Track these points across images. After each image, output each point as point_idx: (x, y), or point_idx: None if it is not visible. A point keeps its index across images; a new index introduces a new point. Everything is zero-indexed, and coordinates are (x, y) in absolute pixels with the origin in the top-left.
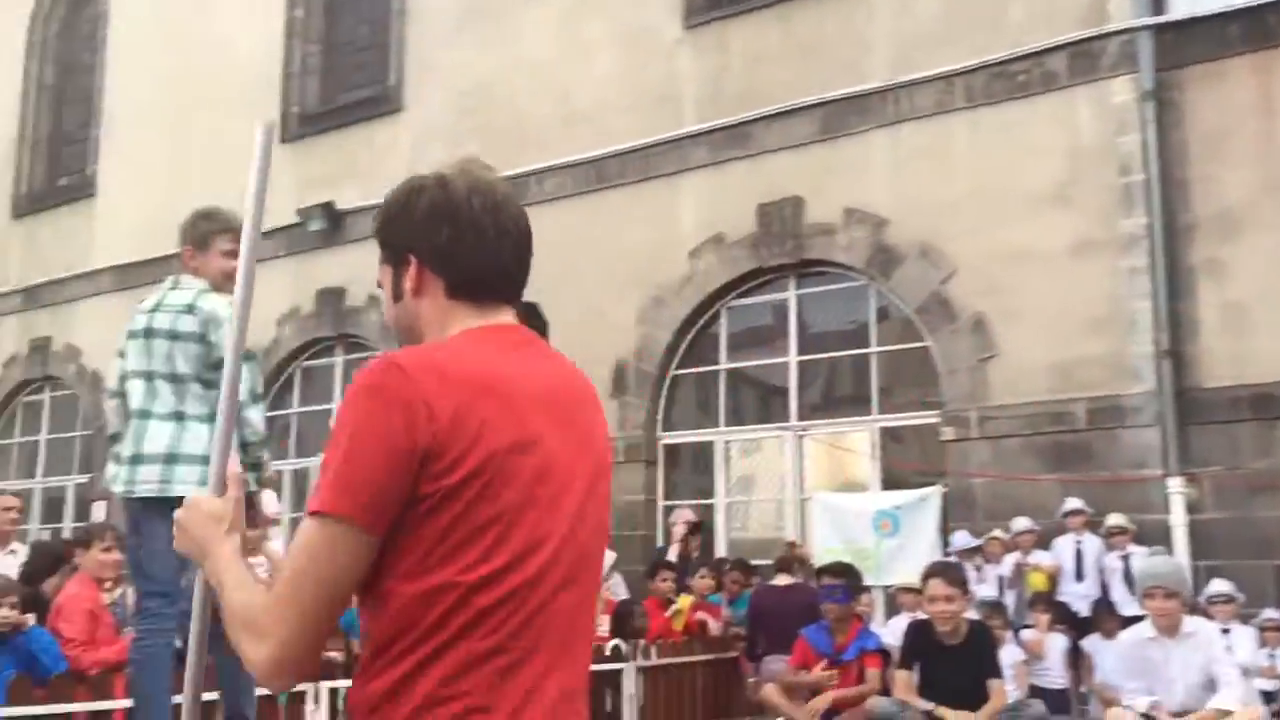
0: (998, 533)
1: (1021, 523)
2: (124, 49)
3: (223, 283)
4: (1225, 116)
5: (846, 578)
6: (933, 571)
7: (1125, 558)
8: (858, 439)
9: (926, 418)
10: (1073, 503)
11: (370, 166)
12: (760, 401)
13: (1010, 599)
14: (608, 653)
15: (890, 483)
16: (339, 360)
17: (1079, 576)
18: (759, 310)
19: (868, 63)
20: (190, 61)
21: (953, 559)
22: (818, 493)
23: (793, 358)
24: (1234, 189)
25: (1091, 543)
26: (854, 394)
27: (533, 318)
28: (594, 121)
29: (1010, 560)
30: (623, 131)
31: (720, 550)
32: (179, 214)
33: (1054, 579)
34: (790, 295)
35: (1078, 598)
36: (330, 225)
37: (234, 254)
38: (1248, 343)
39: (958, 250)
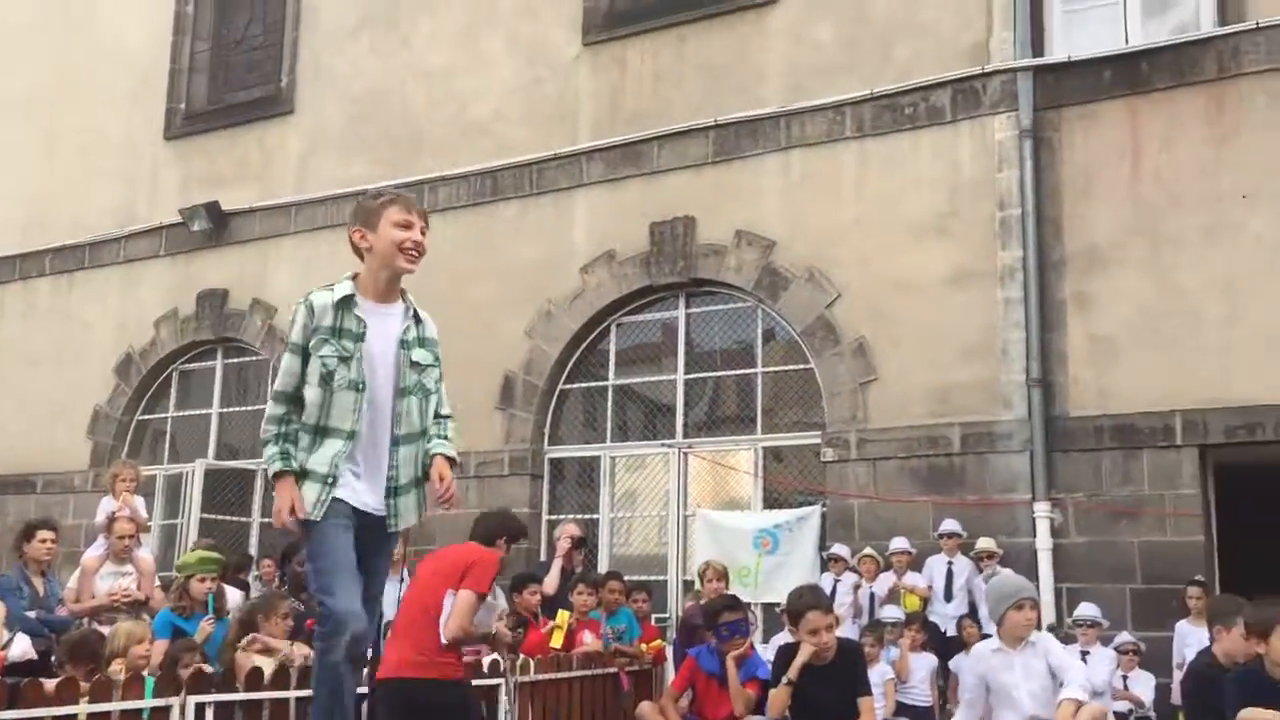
0: (870, 551)
1: (898, 543)
2: (3, 35)
3: (395, 258)
4: (1097, 157)
5: (741, 609)
6: (810, 604)
7: (990, 576)
8: (741, 457)
9: (808, 438)
10: (949, 525)
11: (259, 168)
12: (646, 418)
13: (894, 614)
14: (485, 668)
15: (771, 501)
16: (218, 364)
17: (948, 597)
18: (648, 327)
19: (762, 88)
20: (73, 52)
21: (815, 583)
22: (700, 510)
23: (680, 375)
24: (1103, 227)
25: (962, 564)
26: (738, 413)
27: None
28: (490, 134)
29: (885, 580)
30: (518, 145)
31: (603, 565)
32: (55, 207)
33: (927, 600)
34: (680, 313)
35: (946, 618)
36: (215, 226)
37: (409, 225)
38: (1112, 375)
39: (843, 275)
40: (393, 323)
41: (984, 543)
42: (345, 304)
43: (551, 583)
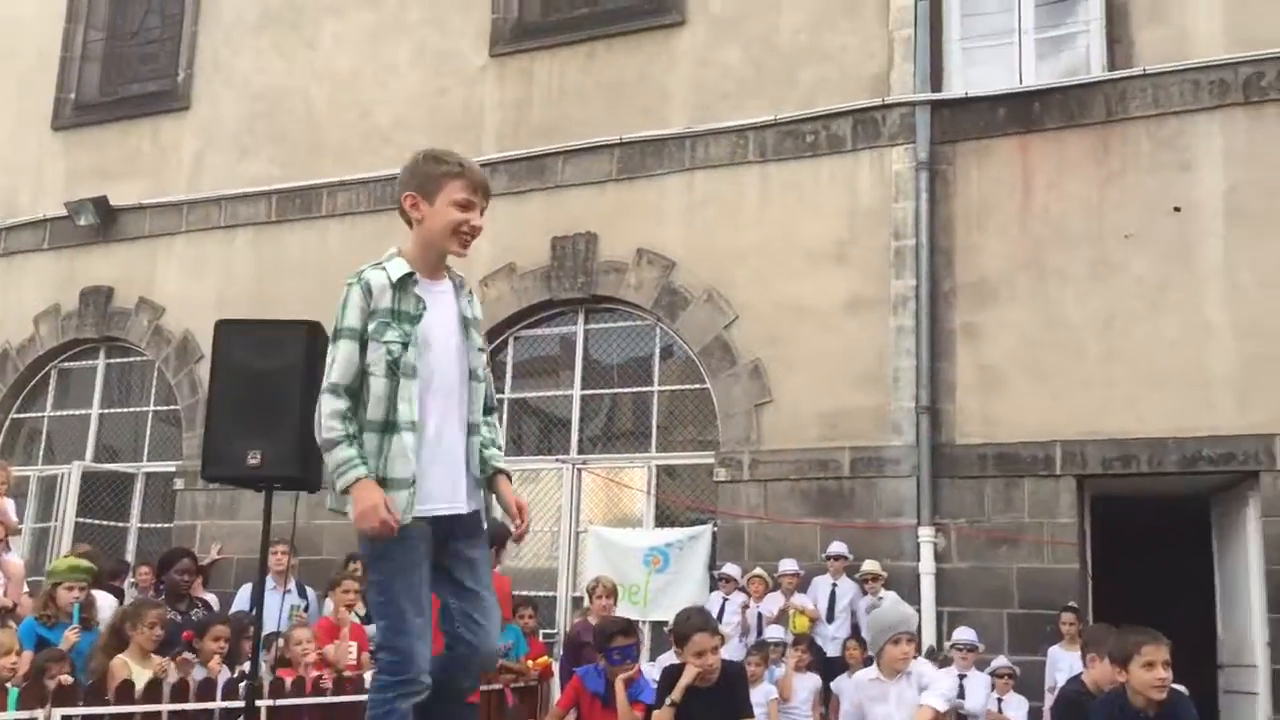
0: (759, 571)
1: (787, 565)
2: None
3: (447, 239)
4: (990, 191)
5: (634, 635)
6: (697, 626)
7: (878, 601)
8: (635, 475)
9: (702, 458)
10: (836, 547)
11: (151, 163)
12: (542, 432)
13: (777, 634)
14: (368, 683)
15: (663, 519)
16: (100, 364)
17: (831, 618)
18: (547, 341)
19: (668, 108)
20: None
21: (702, 604)
22: (592, 526)
23: (576, 391)
24: (993, 259)
25: (846, 586)
26: (634, 430)
27: (316, 337)
28: (392, 141)
29: (772, 600)
30: None
31: None
32: None
33: (815, 621)
34: (578, 329)
35: (828, 640)
36: (102, 221)
37: (469, 206)
38: (997, 404)
39: (742, 298)
40: (447, 300)
41: (869, 565)
42: (404, 283)
43: None
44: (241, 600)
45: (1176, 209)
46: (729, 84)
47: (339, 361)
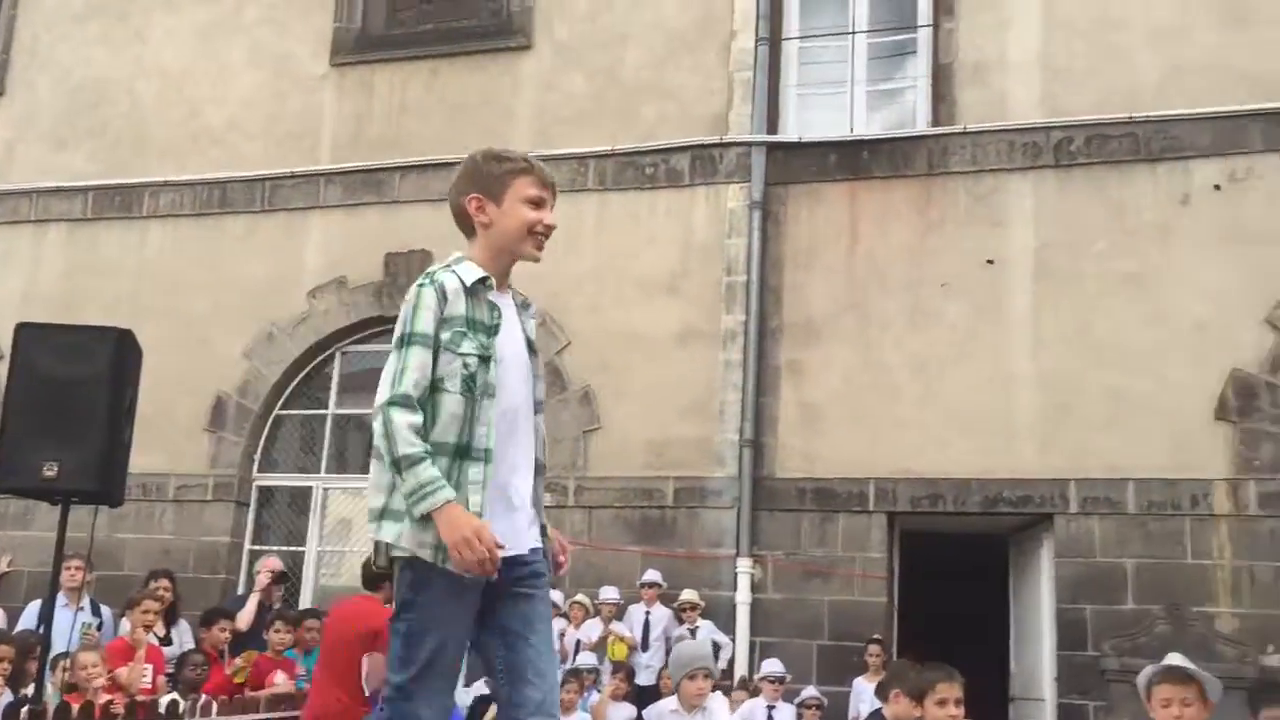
0: (580, 598)
1: (608, 592)
2: None
3: (521, 242)
4: (819, 233)
5: None
6: None
7: (693, 631)
8: None
9: None
10: (650, 575)
11: None
12: (366, 450)
13: (590, 661)
14: (163, 708)
15: None
16: None
17: (645, 646)
18: (376, 358)
19: (510, 131)
20: None
21: None
22: None
23: None
24: (818, 300)
25: (660, 614)
26: None
27: (126, 346)
28: (223, 143)
29: (591, 627)
30: (253, 158)
31: (306, 600)
32: None
33: (634, 648)
34: None
35: (641, 667)
36: None
37: (541, 203)
38: (816, 441)
39: (576, 324)
40: (513, 317)
41: (687, 595)
42: (477, 289)
43: (246, 618)
44: (29, 618)
45: (989, 262)
46: (572, 111)
47: (411, 369)
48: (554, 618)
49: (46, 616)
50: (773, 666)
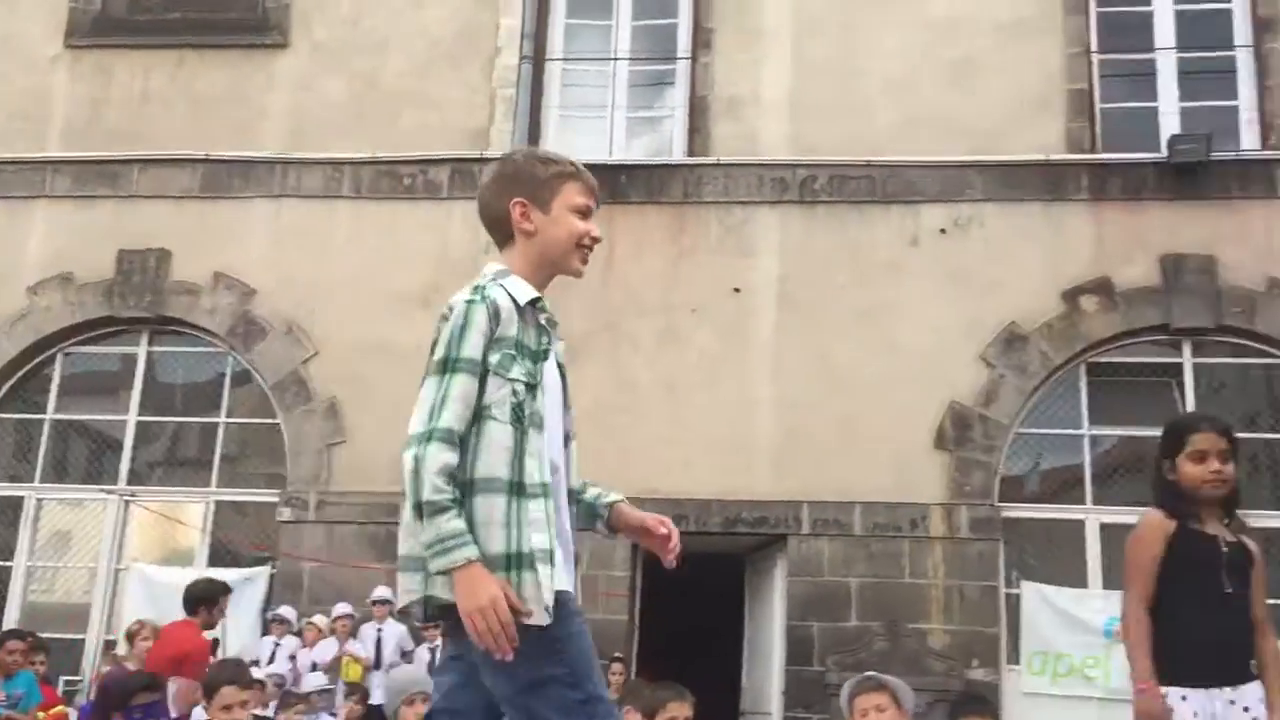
0: (318, 619)
1: (341, 608)
2: None
3: (569, 255)
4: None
5: (160, 690)
6: (228, 678)
7: (433, 649)
8: (192, 510)
9: (267, 495)
10: (380, 592)
11: None
12: (90, 458)
13: (321, 682)
14: None
15: (220, 558)
16: None
17: (377, 665)
18: (103, 360)
19: (261, 130)
20: None
21: (238, 656)
22: (136, 563)
23: (132, 417)
24: (574, 321)
25: (391, 631)
26: (195, 461)
27: None
28: None
29: (327, 646)
30: None
31: (12, 618)
32: None
33: (368, 669)
34: (141, 350)
35: (374, 686)
36: None
37: (589, 214)
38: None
39: (323, 333)
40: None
41: (380, 592)
42: (528, 310)
43: None
44: None
45: (736, 290)
46: (328, 114)
47: (454, 400)
48: (285, 635)
49: None
50: None
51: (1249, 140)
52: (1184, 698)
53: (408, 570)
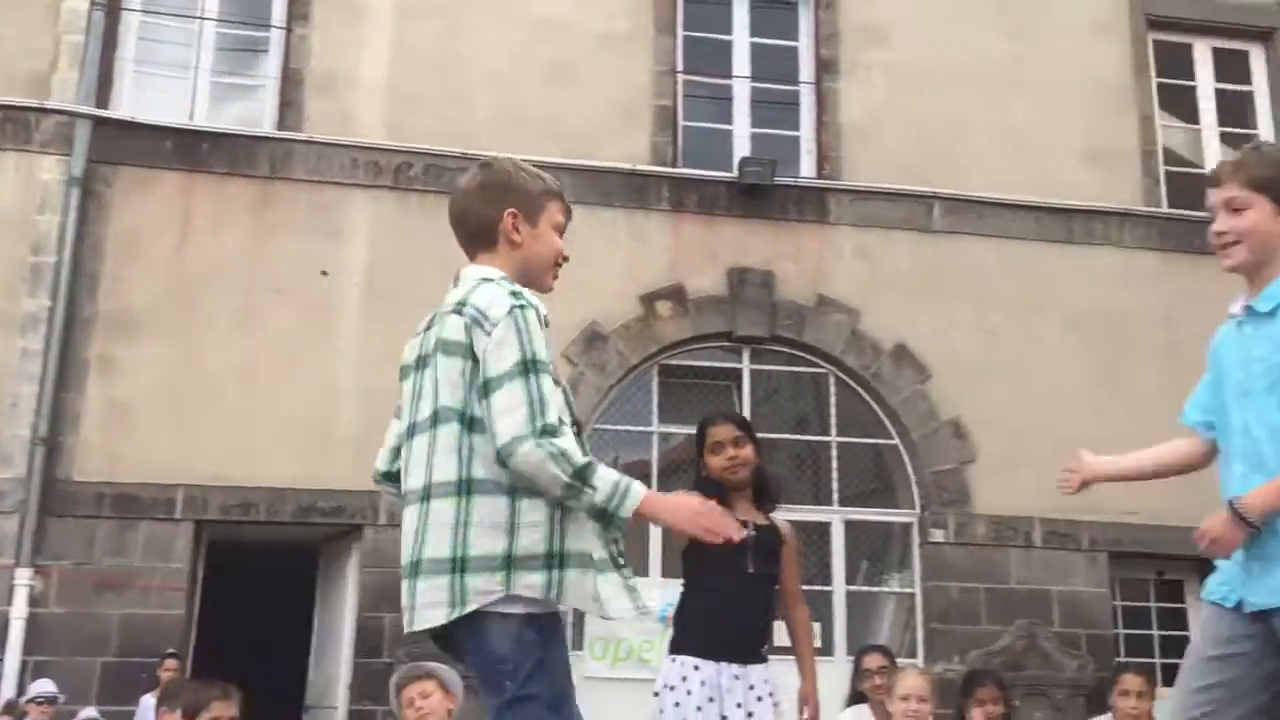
0: None
1: None
2: None
3: (546, 271)
4: (148, 222)
5: None
6: None
7: None
8: None
9: None
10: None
11: None
12: None
13: None
14: None
15: None
16: None
17: None
18: None
19: None
20: None
21: None
22: None
23: None
24: (141, 293)
25: None
26: None
27: None
28: None
29: None
30: None
31: None
32: None
33: None
34: None
35: None
36: None
37: (562, 231)
38: (125, 443)
39: None
40: None
41: None
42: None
43: None
44: None
45: (324, 273)
46: None
47: (550, 401)
48: None
49: None
50: (43, 687)
51: (807, 168)
52: (696, 667)
53: (482, 571)
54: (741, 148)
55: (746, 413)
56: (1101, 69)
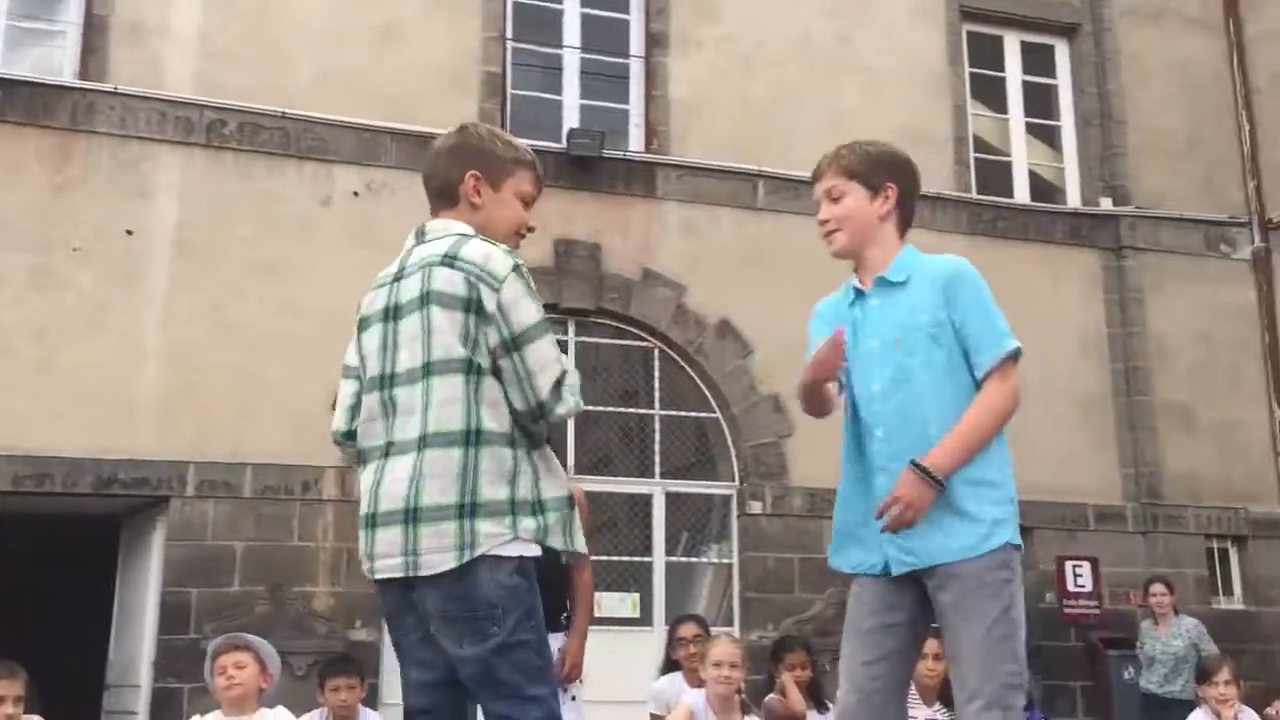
0: None
1: None
2: None
3: (506, 239)
4: None
5: None
6: None
7: None
8: None
9: None
10: None
11: None
12: None
13: None
14: None
15: None
16: None
17: None
18: None
19: None
20: None
21: None
22: None
23: None
24: None
25: None
26: None
27: None
28: None
29: None
30: None
31: None
32: None
33: None
34: None
35: None
36: None
37: (531, 204)
38: None
39: None
40: None
41: None
42: None
43: None
44: None
45: (129, 232)
46: None
47: (558, 354)
48: None
49: None
50: None
51: (636, 142)
52: None
53: (490, 516)
54: (571, 119)
55: None
56: (920, 56)
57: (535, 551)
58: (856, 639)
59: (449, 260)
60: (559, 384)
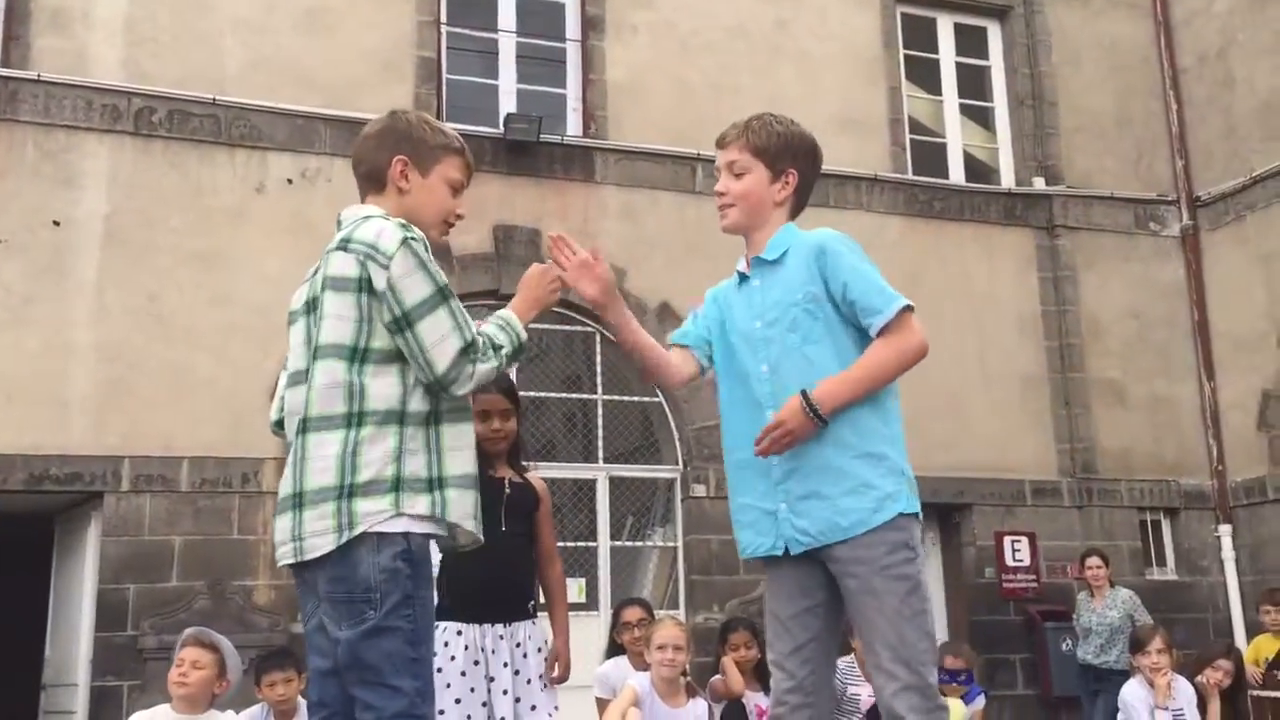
0: None
1: None
2: None
3: (435, 225)
4: None
5: None
6: None
7: None
8: None
9: None
10: None
11: None
12: None
13: None
14: None
15: None
16: None
17: None
18: None
19: None
20: None
21: None
22: None
23: None
24: None
25: None
26: None
27: None
28: None
29: None
30: None
31: None
32: None
33: None
34: None
35: None
36: None
37: (460, 190)
38: None
39: None
40: None
41: None
42: None
43: None
44: None
45: (56, 223)
46: None
47: (468, 315)
48: None
49: None
50: None
51: (574, 127)
52: (459, 632)
53: (369, 495)
54: (507, 104)
55: (514, 372)
56: (856, 40)
57: (427, 529)
58: (780, 627)
59: (343, 243)
60: (464, 353)
